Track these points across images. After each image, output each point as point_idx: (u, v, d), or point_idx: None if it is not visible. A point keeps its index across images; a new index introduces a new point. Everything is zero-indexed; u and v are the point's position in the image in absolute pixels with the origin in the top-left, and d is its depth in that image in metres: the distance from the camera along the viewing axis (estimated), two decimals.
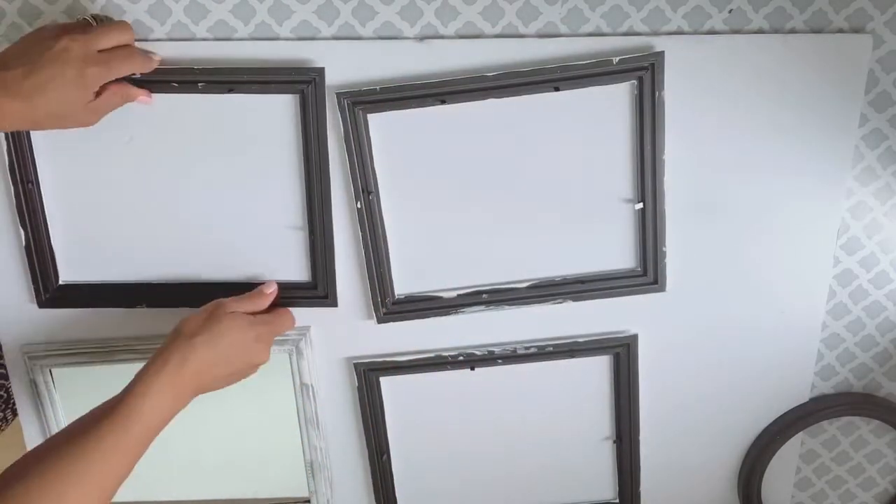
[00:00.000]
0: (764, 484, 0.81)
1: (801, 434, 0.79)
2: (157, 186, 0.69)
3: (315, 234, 0.69)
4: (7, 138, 0.66)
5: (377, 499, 0.79)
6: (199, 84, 0.64)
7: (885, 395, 0.78)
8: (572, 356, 0.73)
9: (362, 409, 0.75)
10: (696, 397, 0.77)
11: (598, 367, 0.75)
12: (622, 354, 0.73)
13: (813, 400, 0.78)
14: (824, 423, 0.80)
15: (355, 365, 0.73)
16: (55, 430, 0.75)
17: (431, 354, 0.73)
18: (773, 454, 0.79)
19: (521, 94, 0.65)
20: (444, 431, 0.78)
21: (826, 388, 0.78)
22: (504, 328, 0.73)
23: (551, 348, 0.73)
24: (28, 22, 0.63)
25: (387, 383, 0.75)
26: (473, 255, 0.71)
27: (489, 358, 0.73)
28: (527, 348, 0.72)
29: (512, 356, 0.73)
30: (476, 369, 0.74)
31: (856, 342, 0.76)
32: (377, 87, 0.64)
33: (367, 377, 0.74)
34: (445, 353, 0.73)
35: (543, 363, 0.74)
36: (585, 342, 0.73)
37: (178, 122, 0.66)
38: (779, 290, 0.73)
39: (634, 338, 0.73)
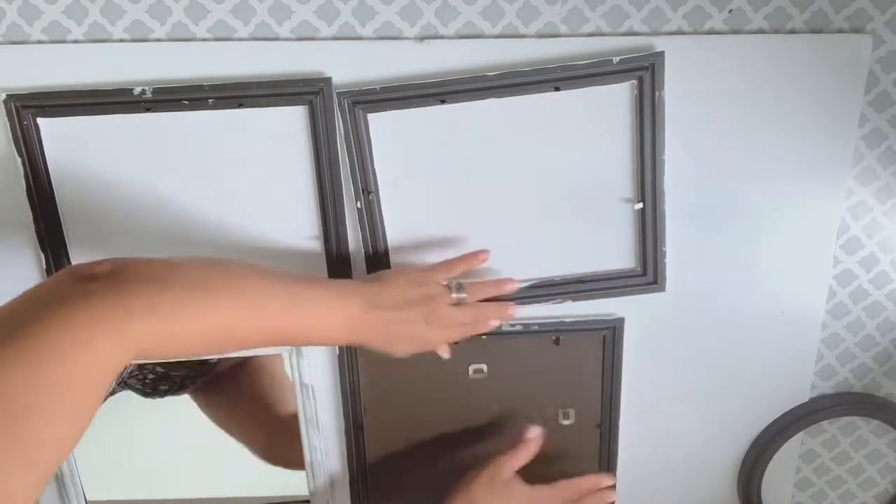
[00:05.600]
0: (764, 484, 0.81)
1: (801, 434, 0.79)
2: (173, 204, 0.69)
3: (330, 243, 0.69)
4: (24, 163, 0.66)
5: (351, 472, 0.78)
6: (209, 100, 0.64)
7: (885, 395, 0.78)
8: (558, 341, 0.73)
9: (342, 376, 0.74)
10: (695, 397, 0.77)
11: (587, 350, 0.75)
12: (608, 338, 0.73)
13: (813, 400, 0.78)
14: (824, 423, 0.80)
15: None
16: None
17: None
18: (773, 454, 0.79)
19: (521, 94, 0.65)
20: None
21: (826, 388, 0.78)
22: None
23: (537, 327, 0.72)
24: (28, 22, 0.63)
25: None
26: None
27: None
28: (512, 325, 0.72)
29: (496, 332, 0.72)
30: (458, 343, 0.72)
31: (856, 342, 0.76)
32: (377, 87, 0.64)
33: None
34: None
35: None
36: (571, 323, 0.73)
37: (189, 140, 0.66)
38: (779, 290, 0.73)
39: (621, 321, 0.73)
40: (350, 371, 0.74)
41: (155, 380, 0.78)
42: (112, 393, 0.78)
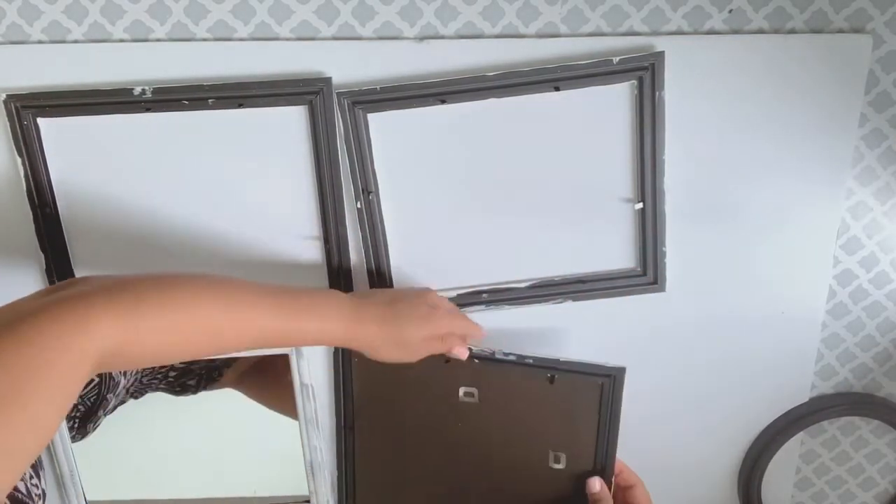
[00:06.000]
0: (764, 484, 0.81)
1: (801, 434, 0.79)
2: (172, 204, 0.69)
3: (330, 244, 0.69)
4: (24, 163, 0.66)
5: (339, 470, 0.77)
6: (209, 100, 0.64)
7: (885, 395, 0.78)
8: (553, 380, 0.69)
9: (335, 376, 0.74)
10: (695, 397, 0.77)
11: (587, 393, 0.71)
12: (606, 386, 0.68)
13: (813, 400, 0.78)
14: (824, 423, 0.80)
15: None
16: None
17: None
18: (773, 454, 0.79)
19: (521, 94, 0.65)
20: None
21: (826, 388, 0.78)
22: (504, 327, 0.73)
23: (531, 361, 0.69)
24: (28, 22, 0.63)
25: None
26: (473, 254, 0.71)
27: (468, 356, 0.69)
28: (506, 354, 0.69)
29: (490, 359, 0.69)
30: (450, 362, 0.70)
31: (856, 342, 0.76)
32: (377, 87, 0.64)
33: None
34: None
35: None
36: (567, 363, 0.68)
37: (189, 140, 0.66)
38: (779, 290, 0.73)
39: (621, 371, 0.67)
40: (344, 372, 0.73)
41: (177, 376, 0.77)
42: (136, 396, 0.78)
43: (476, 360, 0.70)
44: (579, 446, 0.72)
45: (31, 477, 0.66)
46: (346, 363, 0.73)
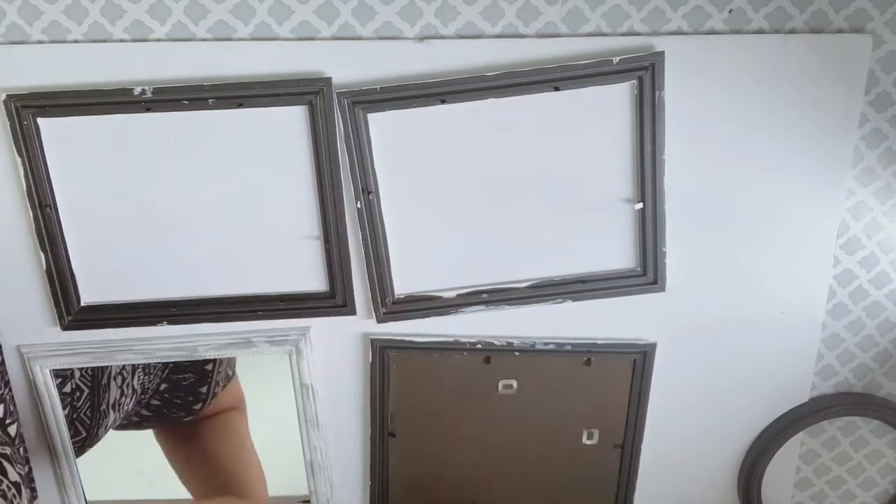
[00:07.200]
0: (764, 484, 0.81)
1: (801, 434, 0.79)
2: (173, 204, 0.69)
3: (330, 244, 0.69)
4: (24, 163, 0.66)
5: (373, 472, 0.78)
6: (210, 100, 0.64)
7: (885, 395, 0.78)
8: (589, 362, 0.73)
9: (372, 386, 0.74)
10: (696, 397, 0.77)
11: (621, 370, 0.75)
12: (638, 361, 0.73)
13: (813, 400, 0.78)
14: (824, 423, 0.80)
15: (372, 341, 0.73)
16: (54, 428, 0.75)
17: (450, 339, 0.73)
18: (773, 454, 0.79)
19: (521, 94, 0.65)
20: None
21: (826, 388, 0.78)
22: (504, 327, 0.73)
23: (570, 347, 0.72)
24: (28, 22, 0.63)
25: (395, 357, 0.74)
26: (473, 254, 0.71)
27: (507, 349, 0.72)
28: (546, 344, 0.72)
29: (530, 350, 0.72)
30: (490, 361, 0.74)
31: (856, 342, 0.76)
32: (377, 87, 0.64)
33: (381, 353, 0.73)
34: (464, 340, 0.73)
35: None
36: (604, 345, 0.72)
37: (189, 140, 0.66)
38: (779, 291, 0.73)
39: (653, 346, 0.72)
40: (381, 379, 0.74)
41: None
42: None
43: (517, 353, 0.72)
44: (612, 421, 0.76)
45: None
46: (383, 372, 0.73)
